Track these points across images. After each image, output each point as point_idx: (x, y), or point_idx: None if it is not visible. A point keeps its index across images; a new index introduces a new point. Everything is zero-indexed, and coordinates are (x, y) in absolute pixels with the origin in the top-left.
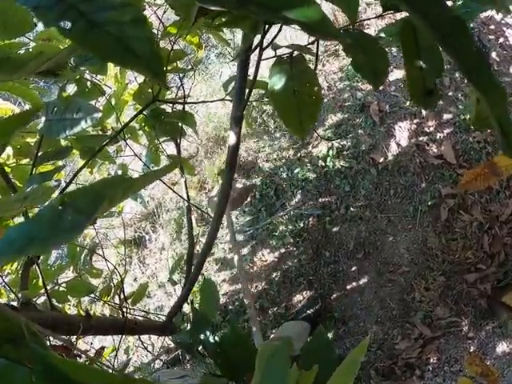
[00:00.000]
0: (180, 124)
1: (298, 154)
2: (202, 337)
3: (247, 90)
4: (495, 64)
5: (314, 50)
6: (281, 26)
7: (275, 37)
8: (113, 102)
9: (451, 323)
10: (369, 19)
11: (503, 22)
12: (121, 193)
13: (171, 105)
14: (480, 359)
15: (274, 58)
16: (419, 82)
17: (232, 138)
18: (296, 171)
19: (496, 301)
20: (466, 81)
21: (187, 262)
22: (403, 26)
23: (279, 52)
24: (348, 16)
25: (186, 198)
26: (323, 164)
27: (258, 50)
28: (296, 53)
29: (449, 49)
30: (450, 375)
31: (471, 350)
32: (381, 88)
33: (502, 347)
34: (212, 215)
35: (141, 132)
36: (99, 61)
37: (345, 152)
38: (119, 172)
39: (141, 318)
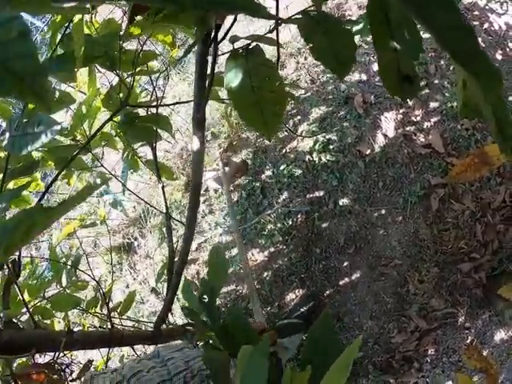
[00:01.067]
0: (155, 128)
1: (283, 150)
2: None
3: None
4: None
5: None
6: (235, 17)
7: (230, 28)
8: (84, 110)
9: (447, 314)
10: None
11: (487, 7)
12: (40, 224)
13: (146, 108)
14: (478, 352)
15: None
16: (393, 66)
17: (195, 143)
18: (282, 168)
19: (492, 289)
20: (452, 67)
21: (168, 270)
22: (373, 3)
23: (238, 45)
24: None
25: (164, 210)
26: (309, 159)
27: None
28: (253, 44)
29: (428, 24)
30: (448, 366)
31: (469, 340)
32: (365, 78)
33: (499, 335)
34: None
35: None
36: (66, 68)
37: (331, 146)
38: (98, 181)
39: (131, 328)
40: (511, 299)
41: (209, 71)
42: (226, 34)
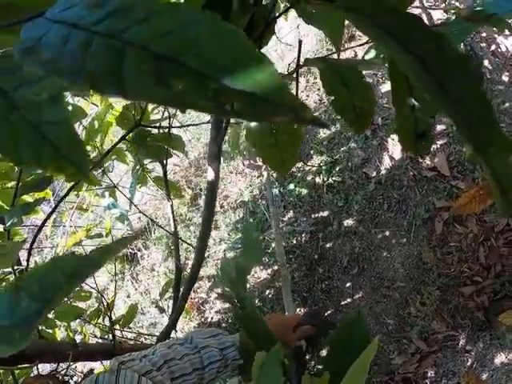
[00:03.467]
0: (166, 147)
1: (290, 170)
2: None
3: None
4: (487, 72)
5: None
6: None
7: None
8: (96, 125)
9: (448, 337)
10: (350, 48)
11: (494, 29)
12: (77, 279)
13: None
14: (476, 378)
15: None
16: (410, 123)
17: (211, 174)
18: (289, 187)
19: (493, 313)
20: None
21: (174, 289)
22: (393, 59)
23: None
24: (331, 41)
25: (172, 231)
26: (315, 179)
27: None
28: None
29: (446, 97)
30: None
31: (469, 363)
32: None
33: (499, 358)
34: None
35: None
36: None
37: (337, 166)
38: (106, 194)
39: (131, 339)
40: None
41: None
42: None
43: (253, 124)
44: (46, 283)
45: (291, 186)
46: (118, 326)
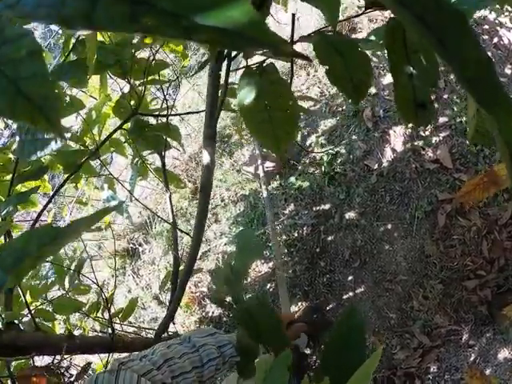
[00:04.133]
0: (164, 137)
1: (291, 162)
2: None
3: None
4: None
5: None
6: None
7: None
8: (94, 116)
9: (451, 331)
10: (350, 17)
11: (497, 21)
12: (49, 250)
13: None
14: (481, 372)
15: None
16: (409, 92)
17: (206, 158)
18: (290, 180)
19: (497, 307)
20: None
21: (172, 281)
22: (390, 25)
23: (252, 61)
24: (328, 19)
25: (171, 222)
26: (317, 172)
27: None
28: (268, 61)
29: (446, 53)
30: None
31: (472, 358)
32: (374, 92)
33: (503, 354)
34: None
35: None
36: (78, 74)
37: (339, 159)
38: (105, 186)
39: (131, 334)
40: None
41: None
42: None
43: (246, 100)
44: (20, 254)
45: (292, 179)
46: (118, 320)
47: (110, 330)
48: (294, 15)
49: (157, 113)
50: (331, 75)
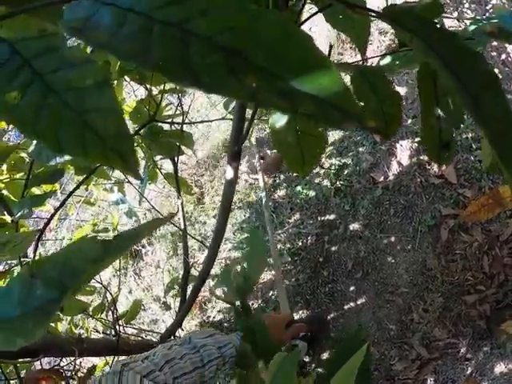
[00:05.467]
0: (177, 144)
1: (310, 171)
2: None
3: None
4: None
5: None
6: None
7: None
8: None
9: (449, 344)
10: (376, 56)
11: None
12: (98, 267)
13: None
14: None
15: None
16: (435, 132)
17: (229, 173)
18: (297, 189)
19: (495, 322)
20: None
21: (182, 287)
22: (422, 70)
23: None
24: (357, 46)
25: (181, 226)
26: (323, 182)
27: None
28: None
29: (475, 108)
30: None
31: (469, 372)
32: None
33: (499, 368)
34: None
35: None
36: None
37: (345, 170)
38: (115, 189)
39: (133, 336)
40: None
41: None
42: None
43: (278, 124)
44: (65, 269)
45: (299, 188)
46: (120, 322)
47: (113, 332)
48: (331, 47)
49: (170, 120)
50: (366, 112)
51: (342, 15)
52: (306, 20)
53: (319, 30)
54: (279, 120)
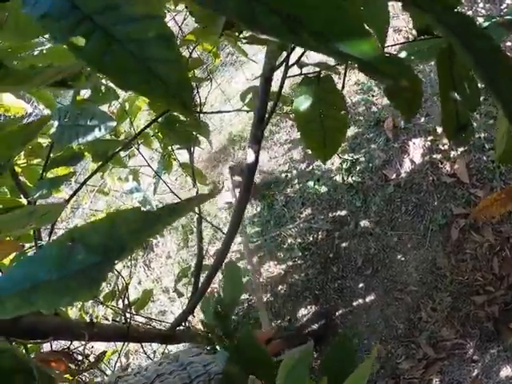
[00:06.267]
0: (194, 133)
1: (310, 167)
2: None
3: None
4: None
5: (341, 70)
6: None
7: (302, 54)
8: (126, 107)
9: (456, 345)
10: (395, 44)
11: None
12: (144, 235)
13: None
14: None
15: (299, 77)
16: (453, 115)
17: (251, 157)
18: (308, 184)
19: (503, 324)
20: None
21: (195, 274)
22: (441, 55)
23: (304, 70)
24: (377, 37)
25: (196, 210)
26: (335, 178)
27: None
28: (323, 72)
29: (498, 94)
30: None
31: (475, 373)
32: None
33: (506, 371)
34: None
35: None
36: None
37: (358, 167)
38: (130, 177)
39: (144, 324)
40: None
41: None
42: (298, 58)
43: (302, 107)
44: (108, 236)
45: (310, 183)
46: (130, 311)
47: (123, 320)
48: None
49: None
50: (390, 94)
51: (363, 7)
52: None
53: None
54: (303, 103)
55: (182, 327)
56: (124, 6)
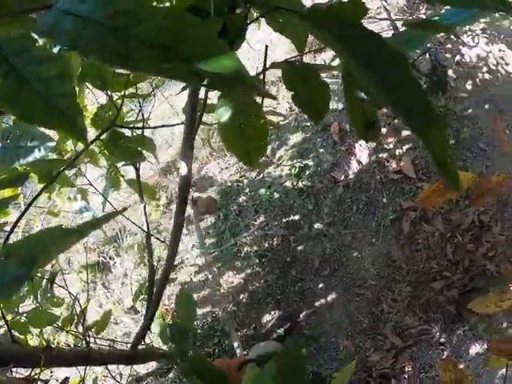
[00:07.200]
0: (139, 148)
1: (261, 175)
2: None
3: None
4: (452, 81)
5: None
6: None
7: None
8: None
9: (422, 331)
10: (308, 52)
11: (459, 40)
12: (61, 247)
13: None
14: (454, 364)
15: None
16: (360, 114)
17: (183, 169)
18: (260, 192)
19: (464, 306)
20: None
21: (148, 290)
22: (345, 62)
23: None
24: (296, 46)
25: (145, 228)
26: (286, 184)
27: None
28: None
29: (386, 92)
30: (426, 381)
31: (445, 355)
32: (341, 107)
33: (474, 349)
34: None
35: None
36: None
37: (307, 171)
38: (79, 196)
39: (106, 347)
40: (482, 313)
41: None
42: None
43: (223, 118)
44: (34, 250)
45: (262, 191)
46: (91, 335)
47: (84, 344)
48: (266, 47)
49: (132, 125)
50: (296, 100)
51: (281, 19)
52: (249, 23)
53: (278, 38)
54: (223, 115)
55: (143, 345)
56: (35, 48)
